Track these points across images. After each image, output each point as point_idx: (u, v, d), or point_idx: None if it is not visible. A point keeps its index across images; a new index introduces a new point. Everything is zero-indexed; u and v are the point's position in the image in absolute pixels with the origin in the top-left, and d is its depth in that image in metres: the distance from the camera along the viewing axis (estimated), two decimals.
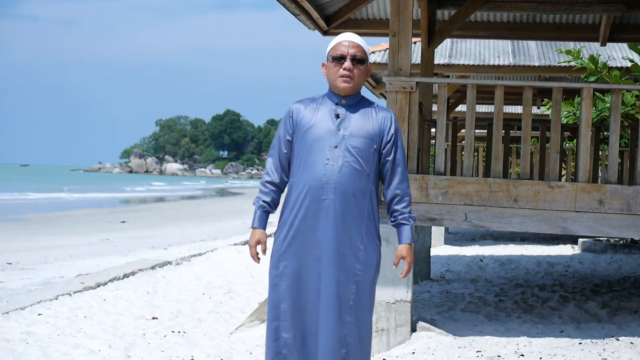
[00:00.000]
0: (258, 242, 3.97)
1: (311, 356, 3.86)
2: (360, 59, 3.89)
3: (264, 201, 3.98)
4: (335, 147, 3.86)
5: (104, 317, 7.47)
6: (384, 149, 3.94)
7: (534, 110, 20.17)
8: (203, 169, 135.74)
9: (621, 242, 13.91)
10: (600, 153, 11.81)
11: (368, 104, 3.98)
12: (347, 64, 3.87)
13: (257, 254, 3.99)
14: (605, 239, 14.07)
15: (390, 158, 3.95)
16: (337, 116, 3.90)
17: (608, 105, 9.17)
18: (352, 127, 3.89)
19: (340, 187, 3.84)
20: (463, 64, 14.42)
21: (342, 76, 3.88)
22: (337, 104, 3.93)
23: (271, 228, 13.19)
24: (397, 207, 3.99)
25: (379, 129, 3.92)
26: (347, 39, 3.92)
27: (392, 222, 4.03)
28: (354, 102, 3.94)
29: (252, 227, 3.99)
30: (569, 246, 14.95)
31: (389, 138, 3.94)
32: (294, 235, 3.89)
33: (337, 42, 3.93)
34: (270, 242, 4.08)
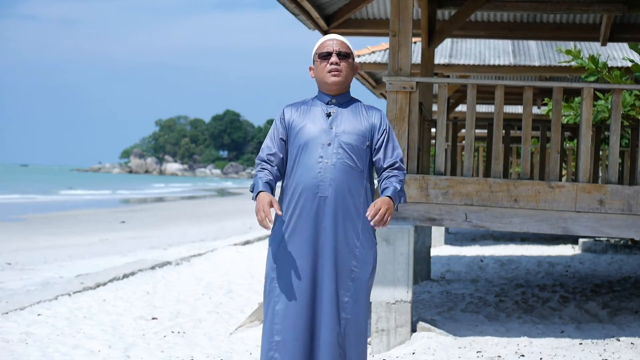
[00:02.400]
0: (270, 203, 3.76)
1: (310, 354, 3.86)
2: (345, 54, 3.95)
3: (262, 173, 3.88)
4: (329, 144, 3.89)
5: (103, 317, 7.46)
6: (375, 144, 3.97)
7: (534, 110, 20.16)
8: (203, 169, 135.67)
9: (622, 242, 13.90)
10: (600, 153, 11.80)
11: (357, 102, 4.03)
12: (334, 58, 3.93)
13: (267, 217, 3.74)
14: (606, 239, 14.06)
15: (382, 151, 3.97)
16: (329, 115, 3.94)
17: (608, 106, 9.15)
18: (344, 125, 3.92)
19: (335, 183, 3.86)
20: (463, 64, 14.41)
21: (331, 71, 3.92)
22: (327, 103, 3.98)
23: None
24: (388, 172, 3.92)
25: (370, 127, 3.96)
26: (330, 37, 4.01)
27: (380, 187, 3.91)
28: (344, 101, 3.99)
29: (258, 193, 3.81)
30: (569, 246, 14.94)
31: (380, 135, 3.97)
32: (291, 234, 3.89)
33: (321, 43, 4.01)
34: (267, 242, 4.07)
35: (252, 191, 3.89)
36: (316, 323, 3.86)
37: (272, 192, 3.88)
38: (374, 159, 3.99)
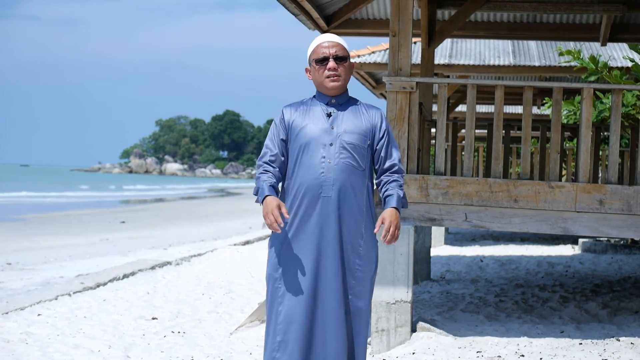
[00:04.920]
0: (278, 206, 3.73)
1: (316, 354, 3.86)
2: (342, 57, 3.93)
3: (266, 176, 3.86)
4: (331, 144, 3.89)
5: (103, 317, 7.46)
6: (377, 145, 3.98)
7: (534, 110, 20.16)
8: (203, 169, 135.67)
9: (621, 242, 13.90)
10: (600, 153, 11.80)
11: (356, 101, 4.03)
12: (331, 63, 3.91)
13: (276, 220, 3.71)
14: (606, 239, 14.06)
15: (383, 150, 3.98)
16: (329, 115, 3.94)
17: (608, 106, 9.16)
18: (346, 125, 3.93)
19: (339, 183, 3.87)
20: (463, 64, 14.41)
21: (329, 77, 3.91)
22: (327, 104, 3.97)
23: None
24: (388, 176, 3.95)
25: (371, 126, 3.97)
26: (325, 39, 3.97)
27: (381, 191, 3.95)
28: (343, 101, 3.99)
29: (264, 197, 3.79)
30: (569, 246, 14.94)
31: (381, 134, 3.98)
32: (294, 235, 3.89)
33: (316, 45, 3.96)
34: (267, 243, 4.07)
35: (256, 194, 3.88)
36: (318, 323, 3.86)
37: (277, 194, 3.86)
38: (374, 160, 4.01)
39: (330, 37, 3.98)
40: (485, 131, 14.42)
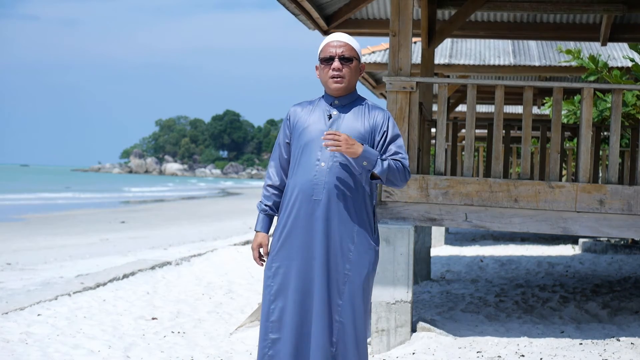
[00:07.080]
0: (260, 245, 4.01)
1: (303, 354, 3.86)
2: (348, 58, 3.90)
3: (265, 205, 4.03)
4: (327, 147, 3.86)
5: (103, 317, 7.46)
6: (377, 147, 3.93)
7: (534, 110, 20.16)
8: (203, 169, 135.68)
9: (622, 242, 13.89)
10: (600, 153, 11.80)
11: (362, 102, 3.98)
12: (336, 64, 3.89)
13: (260, 256, 4.03)
14: (606, 239, 14.06)
15: (385, 148, 3.92)
16: (330, 117, 3.93)
17: (609, 105, 9.16)
18: (344, 128, 3.90)
19: (329, 187, 3.86)
20: (463, 64, 14.41)
21: (333, 77, 3.90)
22: (330, 104, 3.96)
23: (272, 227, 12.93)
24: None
25: (371, 129, 3.92)
26: (335, 39, 3.94)
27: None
28: (348, 101, 3.96)
29: (255, 231, 4.05)
30: (569, 246, 14.94)
31: (381, 137, 3.93)
32: (287, 235, 3.91)
33: (325, 44, 3.95)
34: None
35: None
36: (309, 323, 3.86)
37: (272, 219, 4.06)
38: None
39: (340, 37, 3.94)
40: (485, 131, 14.43)
